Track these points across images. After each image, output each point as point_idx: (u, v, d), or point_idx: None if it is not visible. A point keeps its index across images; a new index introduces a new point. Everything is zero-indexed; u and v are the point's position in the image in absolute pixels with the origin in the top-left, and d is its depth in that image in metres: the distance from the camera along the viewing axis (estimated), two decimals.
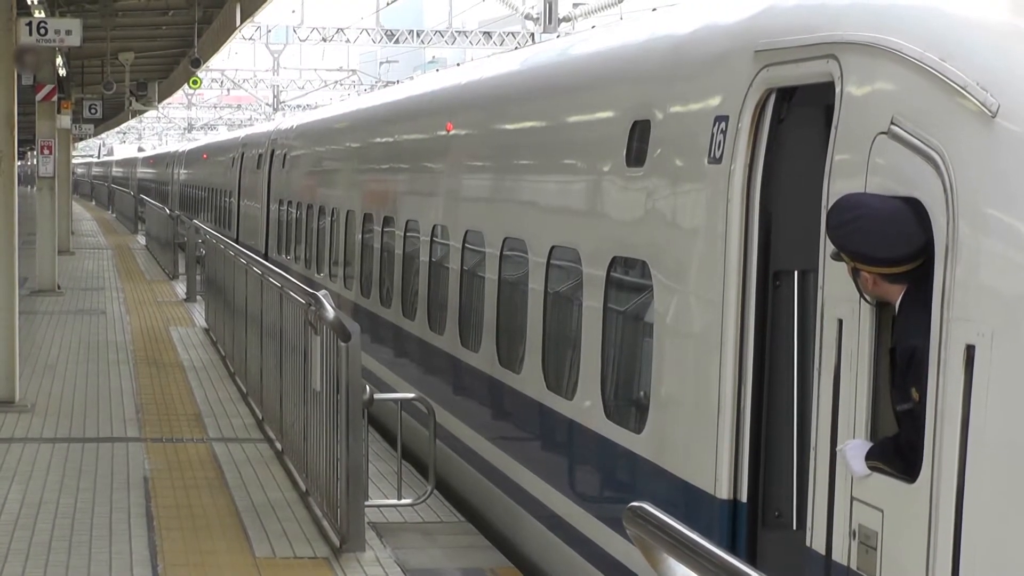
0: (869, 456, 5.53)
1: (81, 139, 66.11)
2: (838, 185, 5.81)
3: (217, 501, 10.61)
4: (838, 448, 5.72)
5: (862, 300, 5.62)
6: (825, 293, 5.90)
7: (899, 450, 5.39)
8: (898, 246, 5.34)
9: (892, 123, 5.53)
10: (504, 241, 10.58)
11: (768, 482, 6.69)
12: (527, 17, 38.86)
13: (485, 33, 50.02)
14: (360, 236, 16.03)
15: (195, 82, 36.23)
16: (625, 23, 10.93)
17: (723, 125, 6.94)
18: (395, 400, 11.44)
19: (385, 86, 55.35)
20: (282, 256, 22.55)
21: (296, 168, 22.34)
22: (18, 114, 15.05)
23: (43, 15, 20.65)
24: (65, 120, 32.51)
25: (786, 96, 6.65)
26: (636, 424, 7.93)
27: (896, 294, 5.44)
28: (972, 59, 5.32)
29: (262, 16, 44.98)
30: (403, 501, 10.62)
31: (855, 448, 5.59)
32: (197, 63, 30.45)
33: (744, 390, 6.71)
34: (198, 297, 24.93)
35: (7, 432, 13.21)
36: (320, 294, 9.89)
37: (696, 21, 8.06)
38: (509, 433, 10.45)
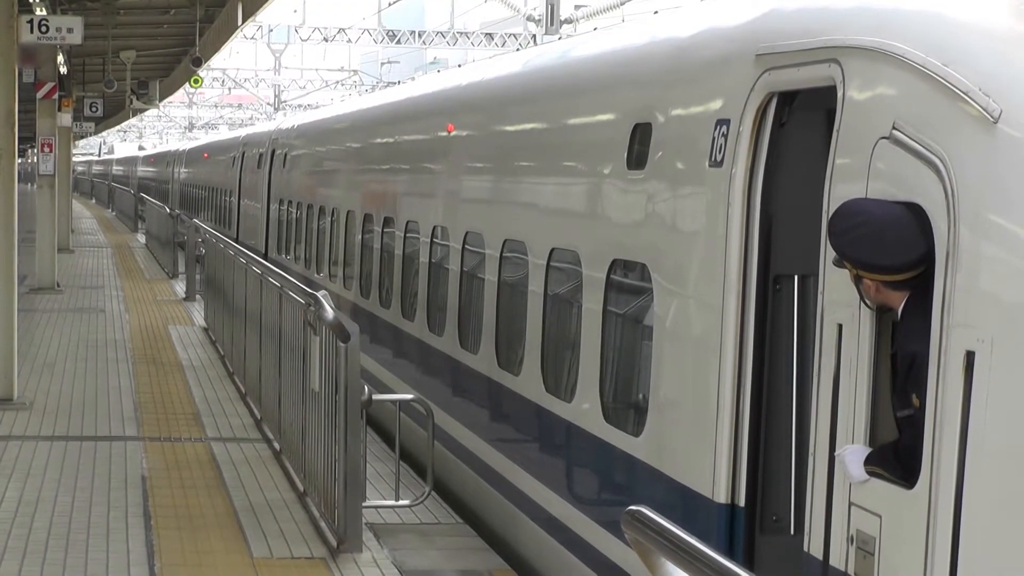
0: (868, 461, 5.52)
1: (81, 137, 66.09)
2: (839, 189, 5.80)
3: (215, 501, 10.60)
4: (837, 453, 5.72)
5: (862, 305, 5.61)
6: (825, 298, 5.89)
7: (898, 455, 5.38)
8: (900, 254, 5.33)
9: (894, 128, 5.52)
10: (504, 243, 10.57)
11: (766, 487, 6.68)
12: (529, 19, 38.86)
13: (487, 34, 50.07)
14: (360, 237, 16.02)
15: (196, 81, 36.22)
16: (627, 26, 10.92)
17: (724, 129, 6.93)
18: (393, 401, 11.44)
19: (386, 87, 55.40)
20: (282, 256, 22.54)
21: (297, 168, 22.33)
22: (19, 111, 15.04)
23: (44, 13, 20.62)
24: (66, 118, 32.48)
25: (788, 100, 6.64)
26: (634, 427, 7.92)
27: (898, 300, 5.43)
28: (974, 64, 5.31)
29: (264, 15, 45.03)
30: (401, 502, 10.61)
31: (854, 453, 5.58)
32: (198, 62, 30.44)
33: (743, 394, 6.70)
34: (197, 296, 24.90)
35: (5, 430, 13.20)
36: (319, 294, 9.88)
37: (698, 24, 8.05)
38: (507, 435, 10.44)
